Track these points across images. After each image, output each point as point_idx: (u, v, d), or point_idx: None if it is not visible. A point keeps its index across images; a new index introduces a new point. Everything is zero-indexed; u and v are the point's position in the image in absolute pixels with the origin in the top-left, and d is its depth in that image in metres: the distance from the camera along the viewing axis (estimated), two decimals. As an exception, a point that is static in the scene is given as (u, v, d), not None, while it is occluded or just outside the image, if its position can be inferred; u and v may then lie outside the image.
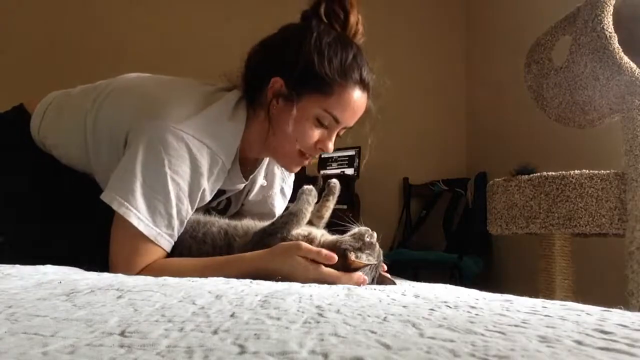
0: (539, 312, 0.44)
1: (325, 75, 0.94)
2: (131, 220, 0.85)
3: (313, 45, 0.95)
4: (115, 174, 0.90)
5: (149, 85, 1.04)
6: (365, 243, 0.82)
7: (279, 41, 1.00)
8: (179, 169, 0.88)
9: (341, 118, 0.98)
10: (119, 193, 0.87)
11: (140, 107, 0.95)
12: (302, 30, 0.97)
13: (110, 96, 1.00)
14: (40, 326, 0.34)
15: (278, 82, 0.96)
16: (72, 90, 1.08)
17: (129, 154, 0.89)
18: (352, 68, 0.96)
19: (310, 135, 0.98)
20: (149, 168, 0.87)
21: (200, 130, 0.91)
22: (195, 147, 0.90)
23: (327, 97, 0.95)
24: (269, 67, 0.98)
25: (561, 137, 1.99)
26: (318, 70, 0.94)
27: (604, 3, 1.19)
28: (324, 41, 0.95)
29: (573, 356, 0.28)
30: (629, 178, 1.18)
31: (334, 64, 0.95)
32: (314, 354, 0.28)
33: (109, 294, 0.48)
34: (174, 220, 0.89)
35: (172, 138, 0.88)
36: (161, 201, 0.87)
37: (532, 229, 1.27)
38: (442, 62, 3.26)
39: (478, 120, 3.13)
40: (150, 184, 0.86)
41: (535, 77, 1.47)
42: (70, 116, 1.02)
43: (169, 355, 0.28)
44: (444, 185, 3.01)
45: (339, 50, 0.96)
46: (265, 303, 0.46)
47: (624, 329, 0.36)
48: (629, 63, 1.17)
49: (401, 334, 0.34)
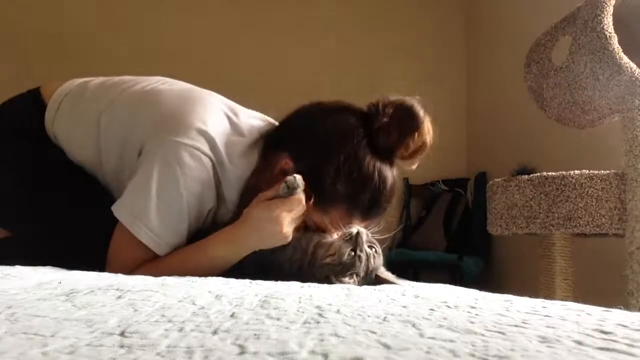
0: (539, 312, 0.44)
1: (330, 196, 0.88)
2: (141, 238, 0.85)
3: (335, 164, 0.88)
4: (129, 188, 0.88)
5: (172, 96, 0.97)
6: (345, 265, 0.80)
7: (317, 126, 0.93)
8: (193, 189, 0.87)
9: (325, 230, 0.91)
10: (132, 210, 0.86)
11: (160, 119, 0.92)
12: (343, 135, 0.89)
13: (129, 100, 0.97)
14: (40, 326, 0.34)
15: (288, 165, 0.91)
16: (90, 82, 1.04)
17: (144, 169, 0.87)
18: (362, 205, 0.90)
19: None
20: (164, 186, 0.86)
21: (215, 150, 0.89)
22: (208, 167, 0.89)
23: (319, 212, 0.89)
24: (290, 140, 0.94)
25: (561, 137, 1.99)
26: (324, 185, 0.88)
27: (604, 3, 1.19)
28: (348, 167, 0.88)
29: (573, 356, 0.28)
30: (629, 178, 1.18)
31: (343, 189, 0.88)
32: (314, 354, 0.28)
33: (109, 294, 0.48)
34: (181, 235, 0.89)
35: (189, 157, 0.86)
36: (174, 219, 0.87)
37: (532, 229, 1.27)
38: (442, 62, 3.26)
39: (478, 120, 3.13)
40: (166, 203, 0.86)
41: (535, 77, 1.47)
42: (85, 113, 0.99)
43: (169, 355, 0.28)
44: (444, 185, 3.01)
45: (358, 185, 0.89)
46: (265, 303, 0.46)
47: (624, 329, 0.36)
48: (629, 63, 1.17)
49: (401, 334, 0.34)
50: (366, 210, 0.91)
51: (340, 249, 0.81)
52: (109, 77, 1.06)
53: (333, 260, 0.81)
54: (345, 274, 0.79)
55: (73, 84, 1.05)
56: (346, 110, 0.95)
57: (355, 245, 0.80)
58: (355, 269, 0.80)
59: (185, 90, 1.01)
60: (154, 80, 1.04)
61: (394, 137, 0.90)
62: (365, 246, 0.81)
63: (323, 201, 0.88)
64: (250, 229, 0.85)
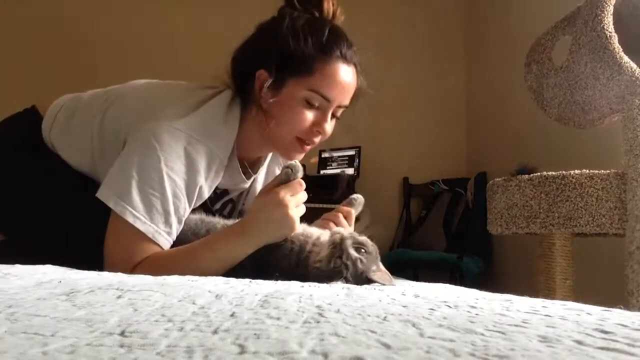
0: (539, 312, 0.44)
1: (302, 54, 0.95)
2: (127, 218, 0.85)
3: (287, 30, 0.96)
4: (111, 172, 0.90)
5: (150, 91, 1.06)
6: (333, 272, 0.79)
7: (257, 35, 1.03)
8: (174, 165, 0.89)
9: (330, 95, 0.97)
10: (115, 191, 0.87)
11: (140, 111, 0.97)
12: (277, 20, 1.00)
13: (117, 101, 1.02)
14: (40, 326, 0.34)
15: (262, 75, 0.97)
16: (83, 95, 1.10)
17: (124, 152, 0.91)
18: (330, 43, 0.97)
19: (303, 119, 0.98)
20: (144, 165, 0.87)
21: (195, 128, 0.92)
22: (190, 145, 0.91)
23: (310, 76, 0.96)
24: (252, 62, 0.99)
25: (561, 137, 1.99)
26: (295, 51, 0.95)
27: (604, 3, 1.19)
28: (298, 24, 0.97)
29: (573, 356, 0.28)
30: (629, 178, 1.17)
31: (309, 42, 0.96)
32: (314, 353, 0.28)
33: (109, 294, 0.48)
34: (171, 217, 0.89)
35: (168, 136, 0.89)
36: (158, 198, 0.87)
37: (532, 229, 1.27)
38: (442, 62, 3.26)
39: (478, 120, 3.13)
40: (146, 181, 0.87)
41: (536, 77, 1.46)
42: (80, 120, 1.04)
43: (169, 355, 0.28)
44: (444, 185, 3.01)
45: (314, 29, 0.97)
46: (265, 303, 0.46)
47: (624, 329, 0.36)
48: (629, 63, 1.17)
49: (401, 333, 0.34)
50: (340, 52, 0.97)
51: (326, 257, 0.81)
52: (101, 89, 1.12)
53: (321, 266, 0.81)
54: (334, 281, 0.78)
55: (67, 97, 1.11)
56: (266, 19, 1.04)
57: (341, 252, 0.80)
58: (342, 275, 0.79)
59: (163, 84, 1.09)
60: (139, 82, 1.10)
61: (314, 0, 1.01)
62: (352, 251, 0.80)
63: (305, 65, 0.95)
64: (258, 216, 0.86)
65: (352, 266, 0.79)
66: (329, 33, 0.98)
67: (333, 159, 3.10)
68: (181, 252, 0.88)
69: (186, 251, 0.88)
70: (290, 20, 0.97)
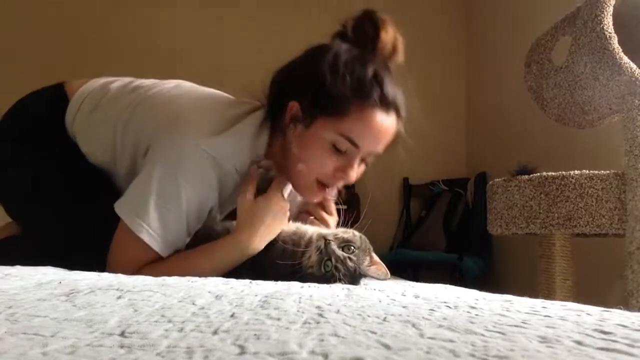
0: (539, 313, 0.44)
1: (338, 94, 0.87)
2: (143, 237, 0.85)
3: (328, 64, 0.88)
4: (132, 186, 0.89)
5: (178, 98, 1.00)
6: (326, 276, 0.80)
7: (298, 62, 0.95)
8: (193, 186, 0.87)
9: (360, 142, 0.89)
10: (132, 208, 0.87)
11: (165, 120, 0.93)
12: (322, 50, 0.91)
13: (144, 103, 0.98)
14: (40, 326, 0.34)
15: (294, 106, 0.91)
16: (110, 85, 1.05)
17: (146, 167, 0.89)
18: (370, 86, 0.87)
19: (326, 163, 0.91)
20: (164, 184, 0.86)
21: (218, 149, 0.88)
22: (210, 165, 0.88)
23: (341, 119, 0.88)
24: (288, 89, 0.94)
25: (561, 137, 1.99)
26: (330, 89, 0.87)
27: (604, 3, 1.19)
28: (341, 60, 0.88)
29: (573, 356, 0.28)
30: (629, 178, 1.17)
31: (347, 82, 0.87)
32: (314, 354, 0.28)
33: (109, 294, 0.48)
34: (182, 234, 0.90)
35: (191, 155, 0.87)
36: (174, 218, 0.87)
37: (532, 229, 1.27)
38: (442, 62, 3.26)
39: (478, 120, 3.13)
40: (165, 200, 0.86)
41: (535, 77, 1.46)
42: (103, 116, 1.00)
43: (169, 355, 0.28)
44: (444, 185, 3.01)
45: (357, 67, 0.88)
46: (265, 303, 0.46)
47: (624, 329, 0.36)
48: (629, 63, 1.17)
49: (401, 334, 0.34)
50: (379, 99, 0.88)
51: (317, 262, 0.81)
52: (130, 79, 1.07)
53: (314, 272, 0.81)
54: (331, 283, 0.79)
55: (96, 83, 1.06)
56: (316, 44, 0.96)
57: (329, 256, 0.80)
58: (335, 277, 0.80)
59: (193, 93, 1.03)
60: (171, 83, 1.05)
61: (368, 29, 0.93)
62: (339, 252, 0.81)
63: (339, 106, 0.87)
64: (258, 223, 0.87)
65: (343, 266, 0.80)
66: (372, 75, 0.88)
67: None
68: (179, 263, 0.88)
69: (184, 262, 0.88)
70: (335, 54, 0.89)
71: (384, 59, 0.94)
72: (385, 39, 0.93)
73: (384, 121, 0.90)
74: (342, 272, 0.80)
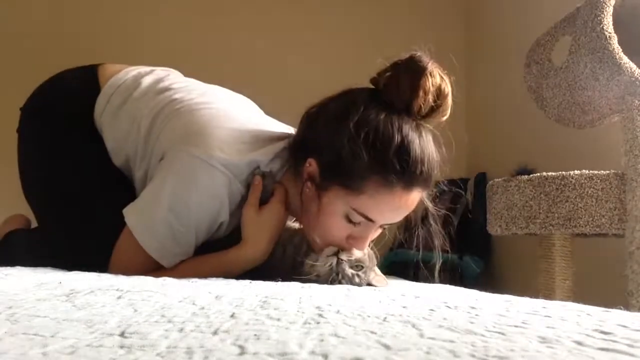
0: (538, 313, 0.44)
1: (354, 169, 0.79)
2: (145, 246, 0.85)
3: (349, 132, 0.79)
4: (142, 195, 0.88)
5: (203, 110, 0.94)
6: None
7: (325, 114, 0.87)
8: (204, 202, 0.86)
9: (376, 219, 0.83)
10: (142, 218, 0.86)
11: (184, 130, 0.90)
12: (350, 108, 0.81)
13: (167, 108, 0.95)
14: (40, 327, 0.34)
15: (312, 165, 0.85)
16: (144, 78, 1.02)
17: (159, 177, 0.87)
18: (392, 165, 0.78)
19: (337, 232, 0.85)
20: (176, 198, 0.84)
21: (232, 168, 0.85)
22: (223, 183, 0.86)
23: (355, 194, 0.80)
24: (310, 142, 0.87)
25: (561, 137, 1.99)
26: (346, 162, 0.79)
27: (603, 3, 1.19)
28: (362, 128, 0.78)
29: (573, 356, 0.28)
30: (629, 178, 1.17)
31: (365, 157, 0.78)
32: (314, 354, 0.28)
33: (109, 295, 0.48)
34: (187, 247, 0.89)
35: (203, 170, 0.84)
36: (183, 232, 0.86)
37: (532, 230, 1.27)
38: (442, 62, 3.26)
39: (478, 120, 3.13)
40: (175, 214, 0.85)
41: (535, 77, 1.46)
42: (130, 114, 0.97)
43: (169, 356, 0.28)
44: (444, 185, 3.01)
45: (378, 140, 0.78)
46: (265, 304, 0.46)
47: (624, 329, 0.36)
48: (629, 63, 1.17)
49: (401, 334, 0.34)
50: (401, 176, 0.79)
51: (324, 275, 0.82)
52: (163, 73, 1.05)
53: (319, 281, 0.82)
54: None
55: (128, 74, 1.03)
56: (349, 90, 0.88)
57: (338, 273, 0.81)
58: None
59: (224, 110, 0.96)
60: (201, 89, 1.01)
61: (403, 87, 0.81)
62: (348, 270, 0.82)
63: (354, 181, 0.79)
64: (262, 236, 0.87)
65: (349, 282, 0.82)
66: (395, 149, 0.78)
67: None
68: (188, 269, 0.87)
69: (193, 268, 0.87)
70: (358, 121, 0.79)
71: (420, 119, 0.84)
72: (423, 98, 0.82)
73: (405, 200, 0.82)
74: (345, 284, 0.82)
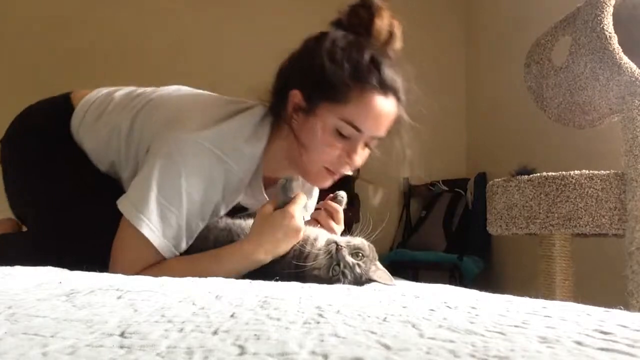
0: (539, 313, 0.44)
1: (337, 81, 0.89)
2: (143, 230, 0.86)
3: (326, 51, 0.90)
4: (133, 182, 0.90)
5: (178, 99, 1.03)
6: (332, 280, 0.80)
7: (299, 52, 0.97)
8: (194, 182, 0.88)
9: (363, 127, 0.91)
10: (134, 203, 0.87)
11: (165, 119, 0.95)
12: (319, 38, 0.93)
13: (146, 107, 1.01)
14: (40, 327, 0.34)
15: (296, 96, 0.93)
16: (114, 95, 1.08)
17: (147, 164, 0.90)
18: (368, 71, 0.89)
19: (330, 149, 0.93)
20: (164, 179, 0.87)
21: (218, 143, 0.89)
22: (211, 162, 0.89)
23: (343, 105, 0.90)
24: (290, 80, 0.95)
25: (561, 137, 1.99)
26: (330, 76, 0.89)
27: (603, 3, 1.19)
28: (338, 46, 0.90)
29: (573, 357, 0.28)
30: (629, 178, 1.17)
31: (346, 67, 0.89)
32: (314, 354, 0.28)
33: (109, 295, 0.48)
34: (182, 232, 0.89)
35: (191, 150, 0.87)
36: (174, 213, 0.87)
37: (532, 230, 1.27)
38: (442, 62, 3.26)
39: (478, 120, 3.13)
40: (165, 195, 0.87)
41: (535, 77, 1.46)
42: (108, 122, 1.02)
43: (169, 356, 0.28)
44: (444, 185, 3.01)
45: (354, 54, 0.90)
46: (265, 303, 0.46)
47: (624, 329, 0.36)
48: (629, 63, 1.17)
49: (401, 334, 0.34)
50: (378, 82, 0.90)
51: (325, 266, 0.81)
52: (133, 88, 1.11)
53: (320, 274, 0.81)
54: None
55: (100, 92, 1.09)
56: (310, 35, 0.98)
57: (339, 261, 0.81)
58: (341, 282, 0.80)
59: (192, 94, 1.06)
60: (171, 88, 1.07)
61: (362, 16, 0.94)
62: (348, 258, 0.81)
63: (339, 92, 0.89)
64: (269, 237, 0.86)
65: (351, 272, 0.81)
66: (369, 59, 0.90)
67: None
68: (184, 266, 0.87)
69: (192, 261, 0.88)
70: (332, 42, 0.91)
71: (381, 45, 0.95)
72: (380, 25, 0.94)
73: (384, 105, 0.92)
74: (348, 278, 0.80)
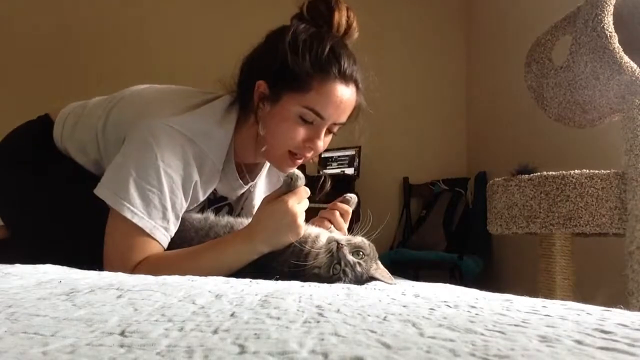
0: (539, 312, 0.44)
1: (299, 71, 0.94)
2: (125, 214, 0.86)
3: (288, 43, 0.95)
4: (109, 169, 0.92)
5: (149, 93, 1.08)
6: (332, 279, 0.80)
7: (263, 45, 1.02)
8: (171, 162, 0.90)
9: (324, 114, 0.97)
10: (112, 188, 0.89)
11: (136, 111, 0.99)
12: (282, 31, 0.99)
13: (118, 104, 1.05)
14: (40, 326, 0.34)
15: (261, 86, 0.98)
16: (89, 102, 1.13)
17: (122, 150, 0.92)
18: (328, 61, 0.95)
19: (295, 134, 0.98)
20: (141, 162, 0.89)
21: (188, 127, 0.93)
22: (184, 143, 0.92)
23: (305, 93, 0.95)
24: (254, 71, 1.00)
25: (561, 137, 1.99)
26: (292, 67, 0.94)
27: (604, 3, 1.19)
28: (299, 38, 0.96)
29: (573, 356, 0.28)
30: (629, 178, 1.17)
31: (307, 58, 0.94)
32: (314, 353, 0.28)
33: (109, 294, 0.48)
34: (168, 212, 0.90)
35: (163, 133, 0.91)
36: (155, 194, 0.89)
37: (532, 229, 1.27)
38: (442, 62, 3.26)
39: (478, 120, 3.13)
40: (144, 177, 0.88)
41: (536, 76, 1.46)
42: (85, 124, 1.07)
43: (169, 355, 0.28)
44: (444, 185, 3.01)
45: (315, 45, 0.96)
46: (265, 302, 0.46)
47: (624, 329, 0.36)
48: (629, 63, 1.17)
49: (401, 333, 0.34)
50: (338, 72, 0.95)
51: (325, 265, 0.81)
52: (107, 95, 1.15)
53: (320, 272, 0.81)
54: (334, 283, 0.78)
55: (75, 104, 1.15)
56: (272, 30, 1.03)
57: (339, 260, 0.80)
58: (341, 280, 0.80)
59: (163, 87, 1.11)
60: (140, 86, 1.12)
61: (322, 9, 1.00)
62: (349, 257, 0.81)
63: (301, 81, 0.94)
64: (266, 223, 0.85)
65: (352, 271, 0.80)
66: (329, 50, 0.96)
67: (333, 158, 3.10)
68: (184, 254, 0.88)
69: (189, 253, 0.88)
70: (293, 34, 0.96)
71: (341, 36, 1.01)
72: (339, 17, 1.00)
73: (344, 93, 0.97)
74: (349, 277, 0.80)
